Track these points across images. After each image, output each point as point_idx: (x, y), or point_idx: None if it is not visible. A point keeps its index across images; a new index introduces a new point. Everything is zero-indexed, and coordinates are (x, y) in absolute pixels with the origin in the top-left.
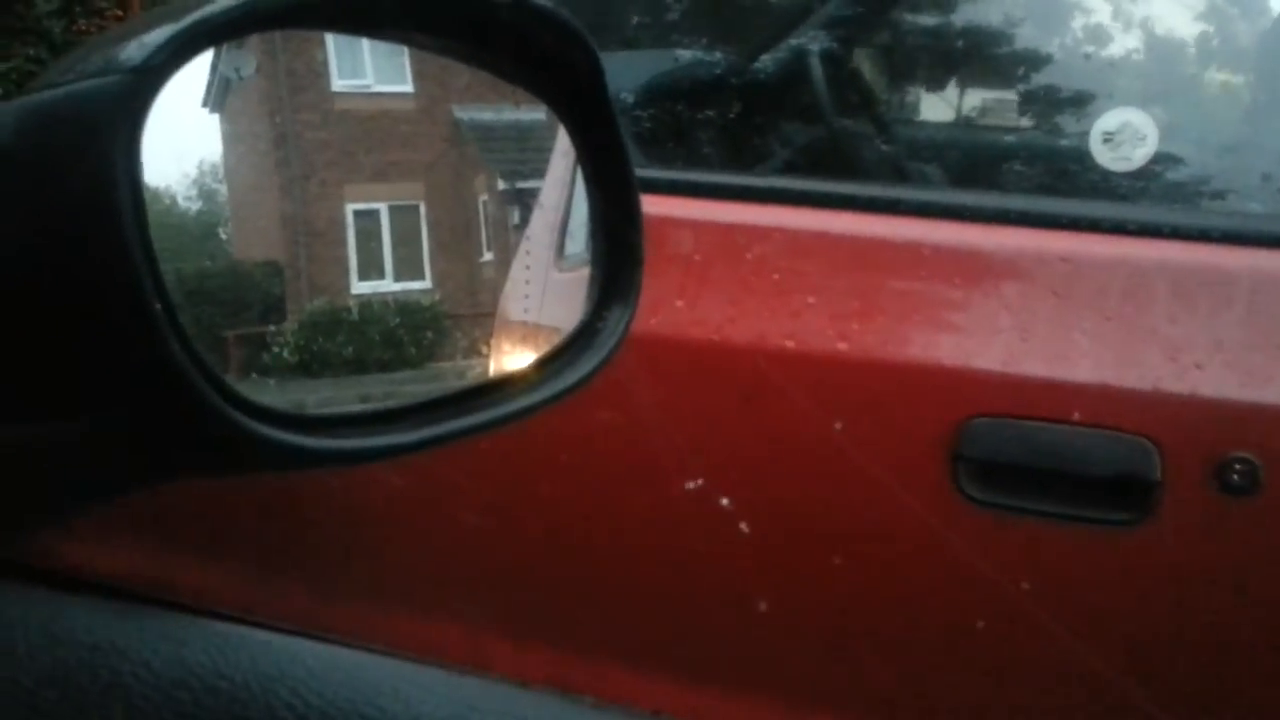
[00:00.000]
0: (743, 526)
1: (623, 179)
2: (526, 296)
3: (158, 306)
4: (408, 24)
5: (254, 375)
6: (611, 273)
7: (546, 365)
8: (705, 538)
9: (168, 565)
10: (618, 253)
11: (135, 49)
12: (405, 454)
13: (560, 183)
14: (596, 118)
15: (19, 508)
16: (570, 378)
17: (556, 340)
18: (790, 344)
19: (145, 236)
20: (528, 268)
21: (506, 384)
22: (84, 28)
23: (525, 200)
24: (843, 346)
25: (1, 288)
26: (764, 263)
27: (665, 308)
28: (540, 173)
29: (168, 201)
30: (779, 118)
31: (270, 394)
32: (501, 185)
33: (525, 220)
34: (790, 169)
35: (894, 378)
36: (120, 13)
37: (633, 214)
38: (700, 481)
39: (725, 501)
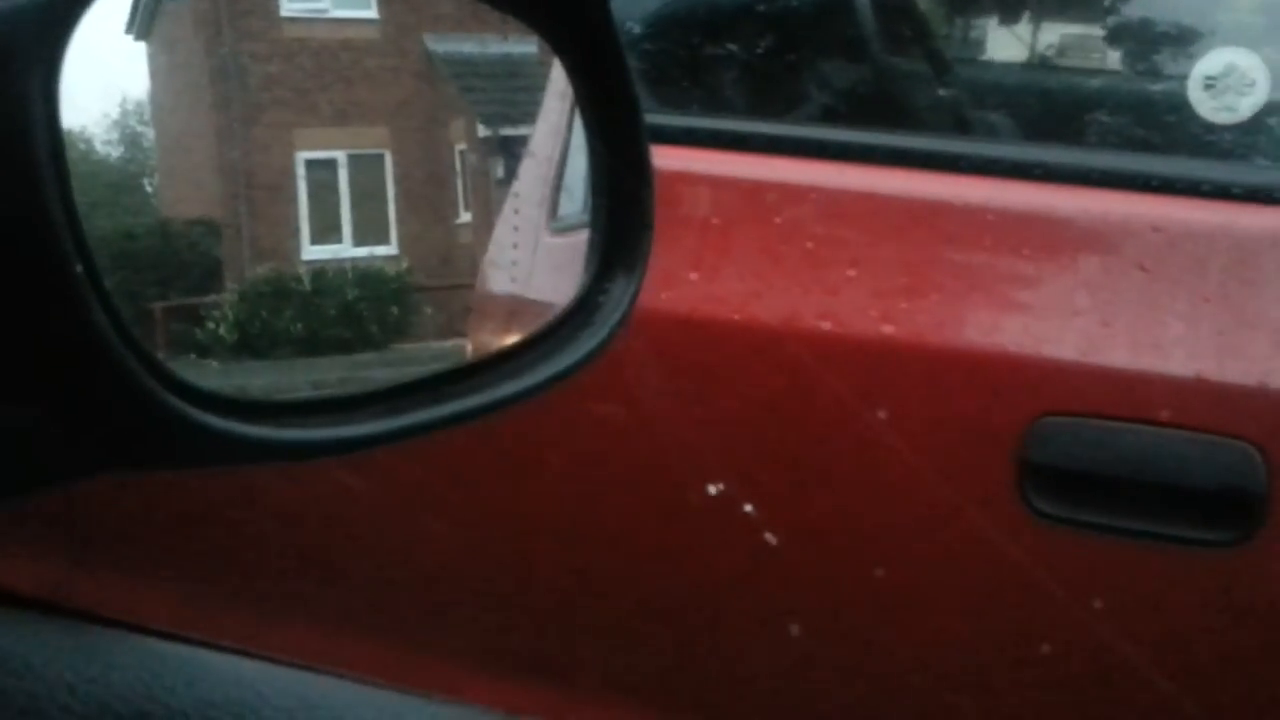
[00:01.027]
0: (769, 538)
1: (630, 127)
2: (513, 264)
3: (79, 269)
4: None
5: (188, 355)
6: (615, 237)
7: (535, 345)
8: (725, 552)
9: (80, 576)
10: (622, 213)
11: None
12: (365, 447)
13: (555, 130)
14: (600, 54)
15: None
16: (563, 360)
17: (548, 315)
18: (826, 325)
19: (65, 188)
20: (516, 229)
21: (487, 368)
22: None
23: (512, 150)
24: (889, 329)
25: None
26: (796, 228)
27: (677, 281)
28: (530, 118)
29: (83, 146)
30: (816, 54)
31: (210, 376)
32: (483, 132)
33: (512, 174)
34: (829, 116)
35: (949, 367)
36: None
37: (641, 168)
38: (719, 487)
39: (748, 509)
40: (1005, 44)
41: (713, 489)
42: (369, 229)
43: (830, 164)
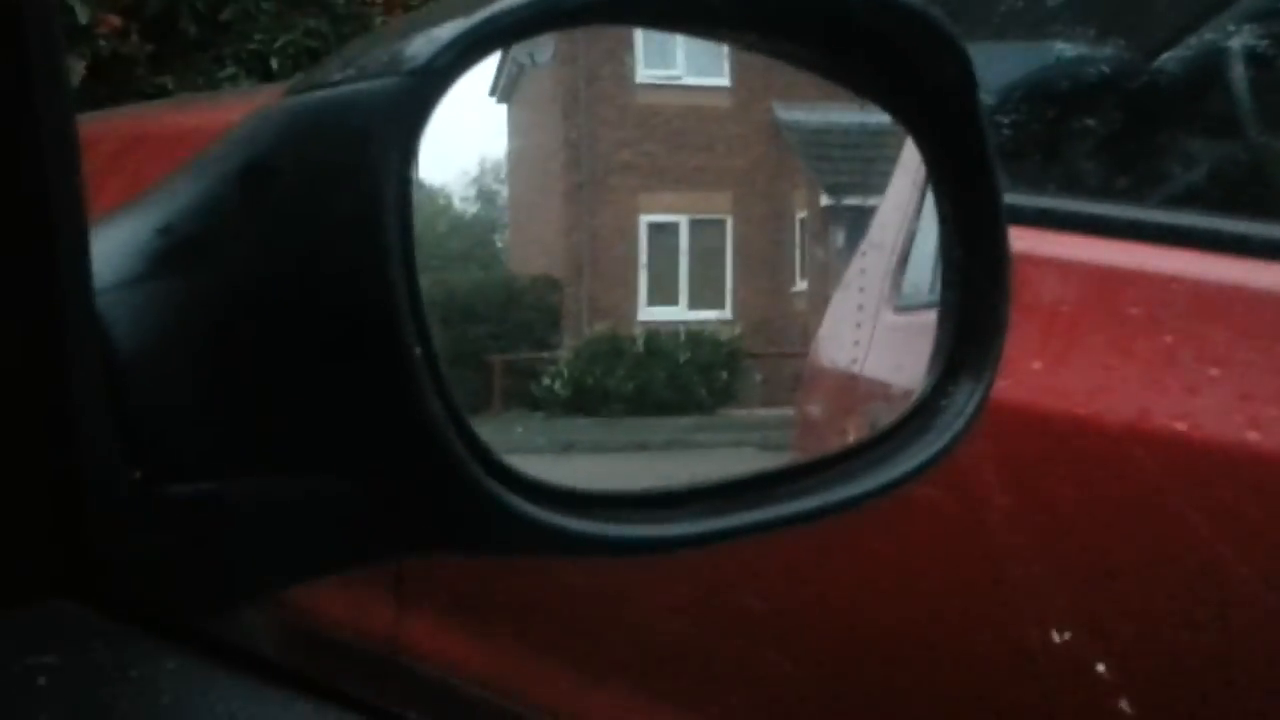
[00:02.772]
0: (1123, 705)
1: (990, 223)
2: (852, 340)
3: (418, 352)
4: (743, 23)
5: (521, 409)
6: (963, 339)
7: (870, 449)
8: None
9: (407, 625)
10: (974, 314)
11: (418, 47)
12: (688, 548)
13: (903, 206)
14: (963, 143)
15: (250, 573)
16: (898, 468)
17: (883, 395)
18: (1181, 427)
19: (412, 272)
20: (856, 304)
21: (817, 469)
22: None
23: (854, 221)
24: (1254, 436)
25: (257, 314)
26: (1152, 320)
27: (1019, 369)
28: (876, 190)
29: (443, 202)
30: (1184, 132)
31: (538, 464)
32: (825, 201)
33: (852, 245)
34: (1196, 200)
35: None
36: None
37: (999, 268)
38: (1065, 635)
39: (1100, 669)
40: None
41: (1057, 636)
42: (705, 293)
43: (1196, 252)
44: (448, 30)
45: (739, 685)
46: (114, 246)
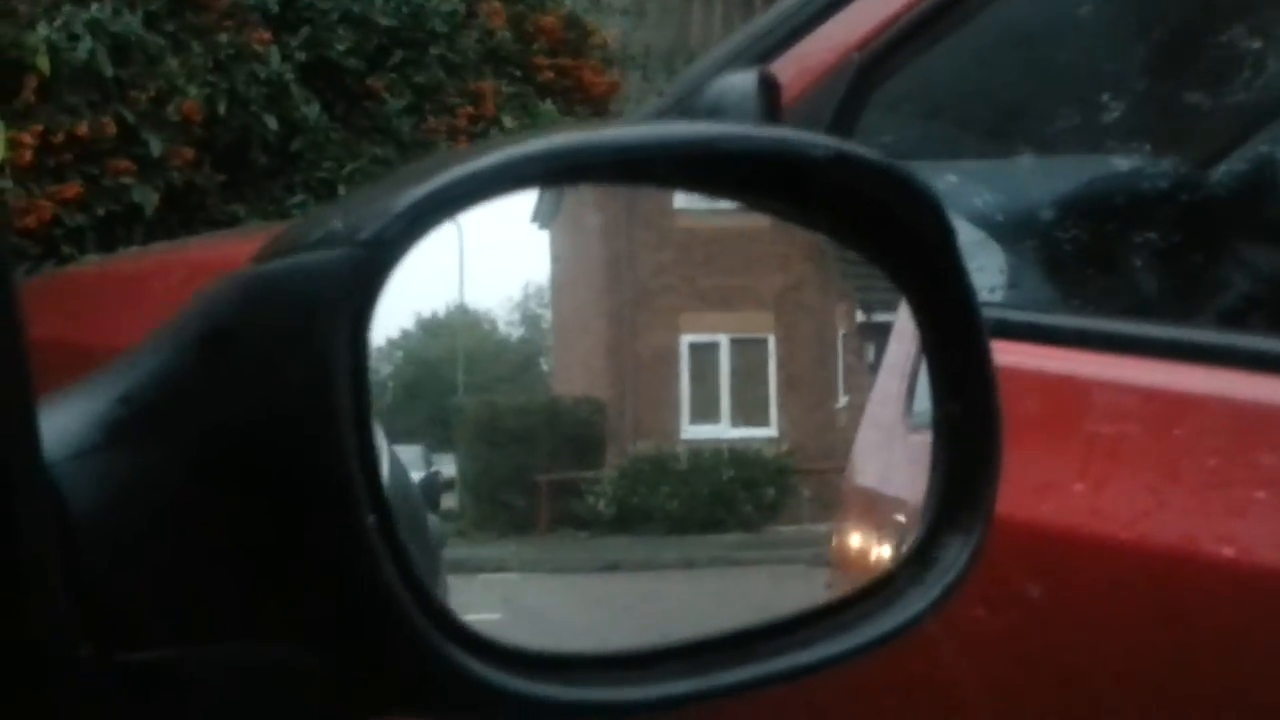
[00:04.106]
0: None
1: (977, 375)
2: (882, 460)
3: (371, 519)
4: (695, 184)
5: (567, 529)
6: (954, 488)
7: (859, 601)
8: None
9: None
10: (965, 466)
11: (367, 217)
12: (663, 710)
13: (911, 325)
14: (944, 298)
15: None
16: (889, 621)
17: (900, 513)
18: (1229, 552)
19: (367, 439)
20: (883, 425)
21: (802, 623)
22: (434, 126)
23: (882, 336)
24: None
25: (213, 482)
26: (1198, 441)
27: (1061, 491)
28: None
29: (488, 327)
30: (1225, 249)
31: (504, 627)
32: (860, 317)
33: (879, 361)
34: (1241, 320)
35: None
36: (472, 108)
37: (990, 420)
38: None
39: None
40: None
41: None
42: (748, 410)
43: (1245, 373)
44: (398, 200)
45: None
46: (76, 416)
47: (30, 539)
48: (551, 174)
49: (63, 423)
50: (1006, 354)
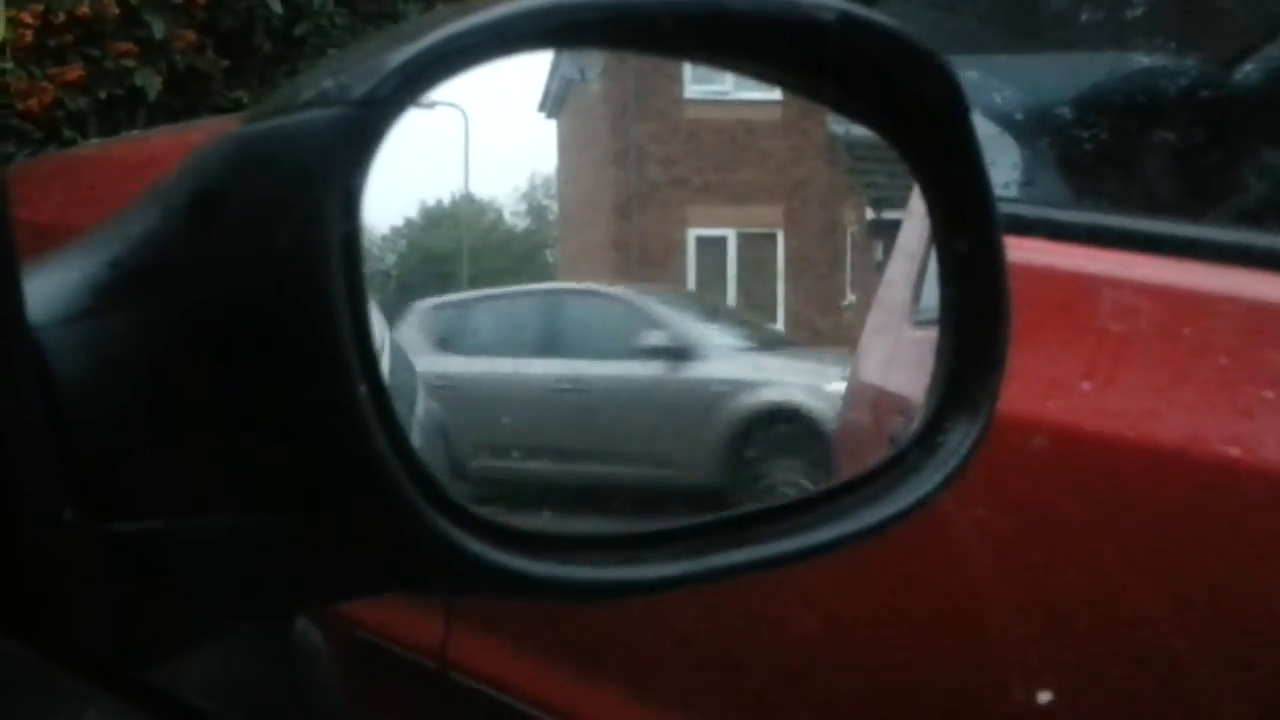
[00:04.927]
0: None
1: (987, 260)
2: (884, 356)
3: (362, 390)
4: (705, 48)
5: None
6: (959, 374)
7: (859, 487)
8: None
9: (456, 636)
10: (969, 351)
11: (360, 75)
12: (660, 591)
13: (921, 219)
14: (956, 172)
15: (199, 611)
16: (887, 508)
17: (903, 413)
18: (1235, 451)
19: (357, 306)
20: (887, 321)
21: (802, 508)
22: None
23: (891, 234)
24: None
25: (202, 348)
26: (1207, 341)
27: (1068, 390)
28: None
29: (493, 216)
30: (1242, 147)
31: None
32: (869, 214)
33: (887, 258)
34: (1265, 217)
35: None
36: None
37: (997, 306)
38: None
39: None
40: None
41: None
42: (755, 308)
43: (1257, 272)
44: (392, 58)
45: (790, 704)
46: (65, 281)
47: (15, 405)
48: (550, 32)
49: (50, 288)
50: (1018, 250)
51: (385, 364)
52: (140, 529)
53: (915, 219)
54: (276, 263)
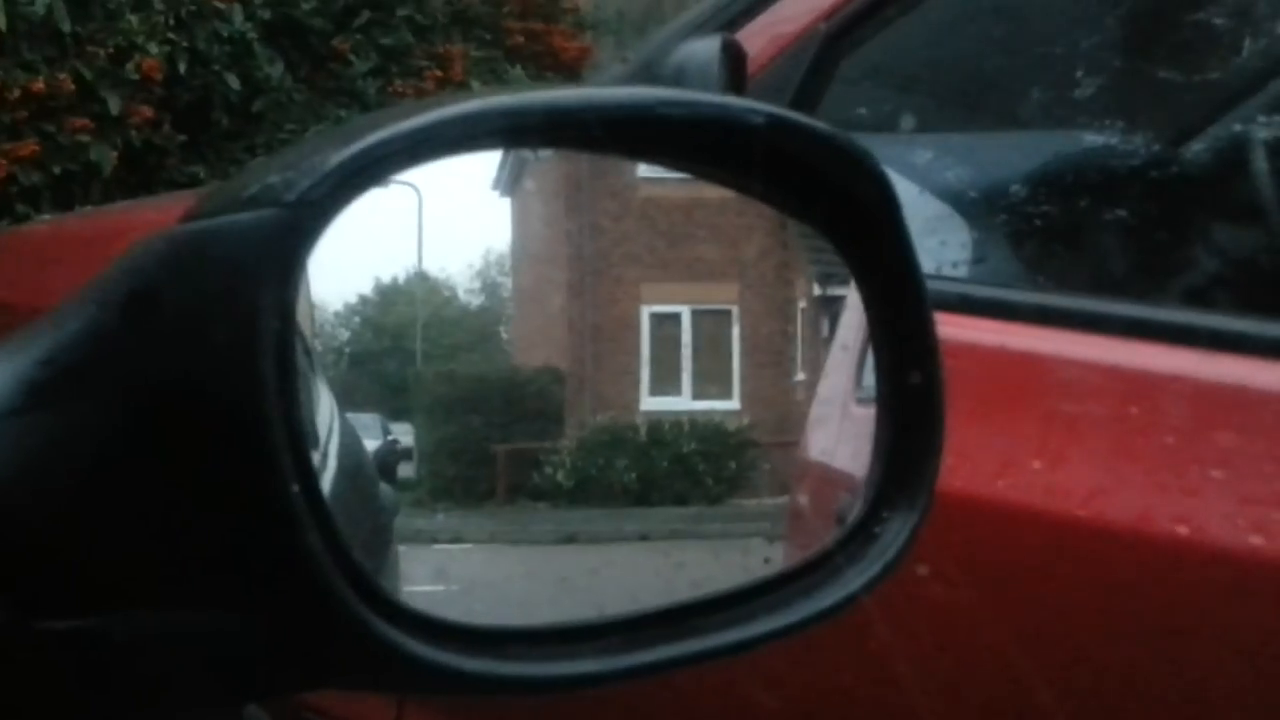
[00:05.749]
0: None
1: (921, 349)
2: (831, 434)
3: (295, 489)
4: (636, 149)
5: (525, 500)
6: (896, 463)
7: (798, 577)
8: None
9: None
10: (907, 440)
11: (295, 176)
12: (593, 686)
13: (857, 306)
14: (886, 267)
15: (131, 710)
16: (826, 598)
17: (849, 491)
18: (1183, 530)
19: (290, 404)
20: (832, 398)
21: (740, 599)
22: (400, 89)
23: (837, 310)
24: (1257, 541)
25: (135, 446)
26: (1155, 420)
27: (1018, 468)
28: None
29: (447, 294)
30: (1185, 229)
31: (432, 599)
32: (817, 290)
33: (833, 335)
34: (1209, 298)
35: None
36: (440, 72)
37: (931, 396)
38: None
39: None
40: None
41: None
42: (709, 383)
43: (1203, 353)
44: (327, 160)
45: None
46: None
47: None
48: (482, 136)
49: None
50: (968, 329)
51: (334, 445)
52: (70, 627)
53: (853, 308)
54: (211, 361)
